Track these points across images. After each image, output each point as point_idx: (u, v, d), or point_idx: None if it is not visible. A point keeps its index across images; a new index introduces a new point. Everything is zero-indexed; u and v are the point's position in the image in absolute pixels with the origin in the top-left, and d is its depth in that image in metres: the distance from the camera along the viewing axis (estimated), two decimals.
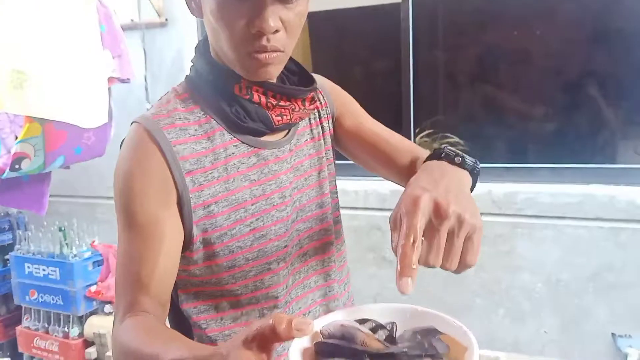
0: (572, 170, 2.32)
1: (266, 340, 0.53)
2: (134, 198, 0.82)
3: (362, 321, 0.64)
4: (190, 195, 0.83)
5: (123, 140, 0.88)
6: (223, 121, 0.88)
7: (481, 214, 0.67)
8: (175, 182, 0.83)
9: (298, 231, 0.95)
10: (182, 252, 0.86)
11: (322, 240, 0.99)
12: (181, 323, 0.93)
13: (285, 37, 0.82)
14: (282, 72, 0.91)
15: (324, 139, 1.02)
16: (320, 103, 1.02)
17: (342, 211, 1.04)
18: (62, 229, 2.86)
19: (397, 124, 2.64)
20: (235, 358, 0.53)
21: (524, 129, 2.62)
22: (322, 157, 1.01)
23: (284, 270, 0.92)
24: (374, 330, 0.63)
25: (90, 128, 2.22)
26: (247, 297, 0.90)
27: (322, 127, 1.02)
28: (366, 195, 2.54)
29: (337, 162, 1.07)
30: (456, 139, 2.66)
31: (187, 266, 0.88)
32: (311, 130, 1.01)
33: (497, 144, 2.72)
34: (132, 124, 0.87)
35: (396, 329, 0.64)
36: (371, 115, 1.08)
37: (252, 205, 0.88)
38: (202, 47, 0.92)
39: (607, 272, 2.17)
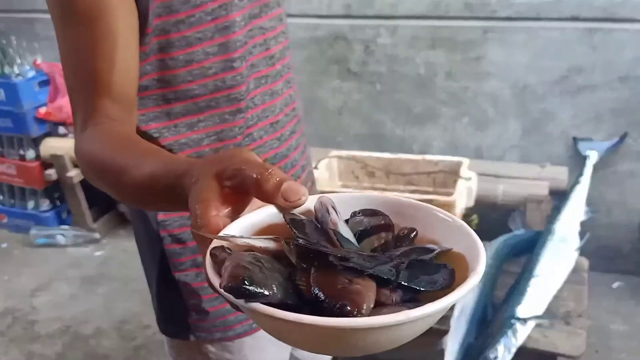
0: None
1: (245, 188, 0.42)
2: None
3: (370, 213, 0.45)
4: None
5: None
6: None
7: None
8: None
9: (262, 29, 0.83)
10: None
11: (284, 43, 0.88)
12: None
13: None
14: None
15: None
16: None
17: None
18: (1, 46, 2.63)
19: None
20: (198, 189, 0.43)
21: None
22: None
23: (247, 70, 0.81)
24: (375, 229, 0.44)
25: None
26: (205, 98, 0.79)
27: None
28: (330, 2, 2.35)
29: None
30: None
31: None
32: None
33: None
34: None
35: (415, 235, 0.45)
36: None
37: None
38: None
39: (575, 74, 2.12)
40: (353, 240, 0.42)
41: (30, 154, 2.74)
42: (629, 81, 2.07)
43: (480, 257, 0.40)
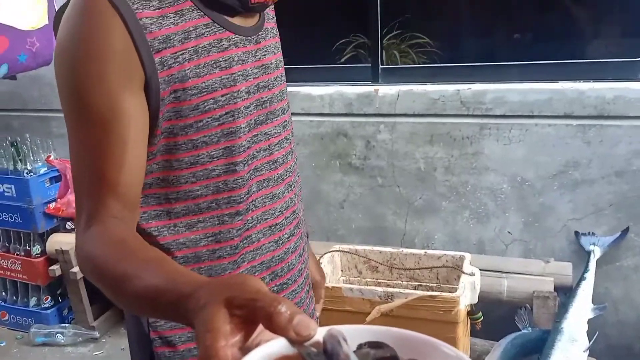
0: (542, 67, 2.25)
1: (254, 318, 0.44)
2: (89, 81, 0.69)
3: (375, 345, 0.48)
4: (159, 80, 0.72)
5: (62, 6, 0.74)
6: None
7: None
8: (142, 63, 0.70)
9: (267, 135, 0.87)
10: None
11: (287, 148, 0.92)
12: None
13: None
14: None
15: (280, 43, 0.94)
16: None
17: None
18: (15, 144, 2.73)
19: (362, 25, 2.51)
20: (207, 316, 0.44)
21: (492, 27, 2.51)
22: (282, 60, 0.93)
23: (248, 173, 0.84)
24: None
25: (31, 30, 2.05)
26: (207, 199, 0.81)
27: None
28: (332, 101, 2.45)
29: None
30: (425, 39, 2.55)
31: None
32: (275, 28, 0.92)
33: (465, 43, 2.62)
34: None
35: None
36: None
37: (222, 97, 0.78)
38: None
39: (572, 169, 2.15)
40: None
41: (37, 249, 2.75)
42: (626, 175, 2.10)
43: None
